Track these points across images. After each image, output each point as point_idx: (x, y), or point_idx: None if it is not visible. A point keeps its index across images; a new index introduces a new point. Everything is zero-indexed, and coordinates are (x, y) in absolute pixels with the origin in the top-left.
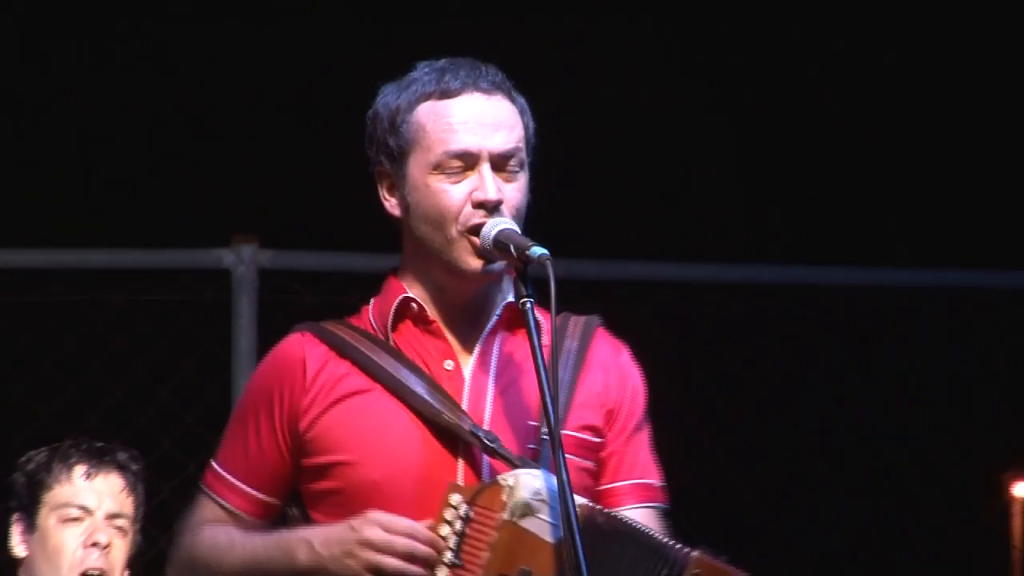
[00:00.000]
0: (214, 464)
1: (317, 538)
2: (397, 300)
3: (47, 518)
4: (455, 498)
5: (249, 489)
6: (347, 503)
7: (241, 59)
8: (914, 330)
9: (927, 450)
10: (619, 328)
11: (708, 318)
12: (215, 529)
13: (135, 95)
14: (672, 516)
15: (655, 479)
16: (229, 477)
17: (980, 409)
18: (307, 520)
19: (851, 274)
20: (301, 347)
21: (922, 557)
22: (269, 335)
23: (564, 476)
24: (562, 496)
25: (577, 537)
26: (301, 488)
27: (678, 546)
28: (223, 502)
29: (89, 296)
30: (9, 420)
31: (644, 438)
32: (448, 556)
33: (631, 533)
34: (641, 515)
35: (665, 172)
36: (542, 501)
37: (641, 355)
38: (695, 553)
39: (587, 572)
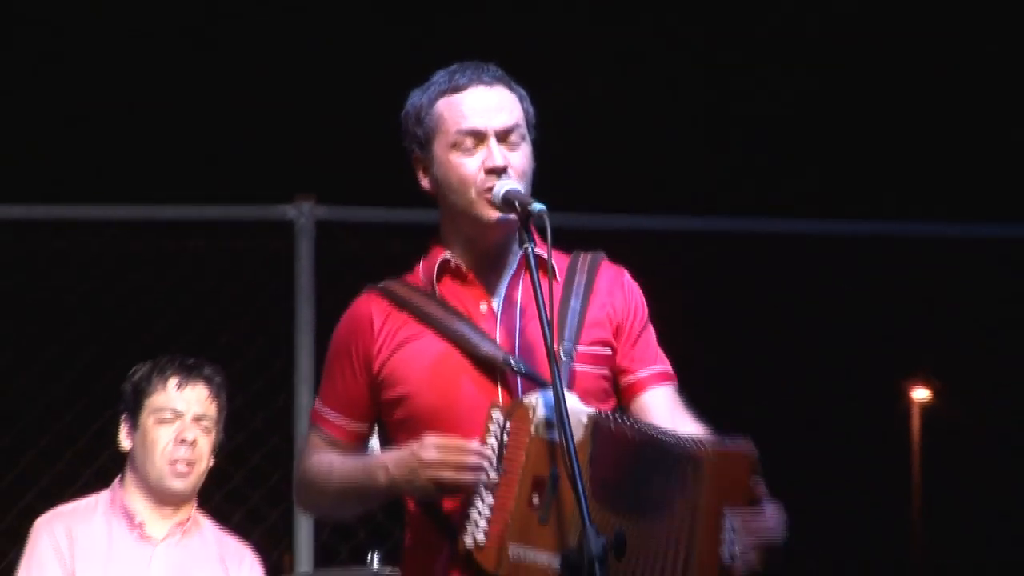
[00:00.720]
0: (317, 403)
1: (390, 462)
2: (439, 260)
3: (147, 419)
4: (496, 415)
5: (343, 420)
6: (414, 428)
7: (300, 50)
8: (829, 269)
9: (837, 361)
10: None
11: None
12: (321, 455)
13: (217, 84)
14: None
15: (666, 364)
16: (328, 412)
17: (882, 326)
18: (390, 445)
19: (783, 224)
20: (368, 305)
21: (830, 456)
22: (325, 276)
23: (559, 385)
24: (557, 408)
25: (570, 439)
26: (384, 419)
27: (691, 443)
28: (326, 432)
29: (177, 243)
30: (116, 342)
31: (650, 335)
32: (494, 462)
33: (646, 436)
34: (662, 394)
35: (645, 140)
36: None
37: None
38: (705, 447)
39: (576, 459)
